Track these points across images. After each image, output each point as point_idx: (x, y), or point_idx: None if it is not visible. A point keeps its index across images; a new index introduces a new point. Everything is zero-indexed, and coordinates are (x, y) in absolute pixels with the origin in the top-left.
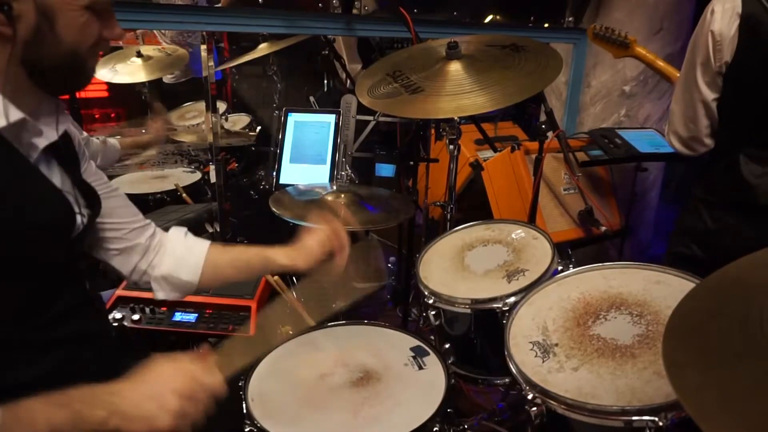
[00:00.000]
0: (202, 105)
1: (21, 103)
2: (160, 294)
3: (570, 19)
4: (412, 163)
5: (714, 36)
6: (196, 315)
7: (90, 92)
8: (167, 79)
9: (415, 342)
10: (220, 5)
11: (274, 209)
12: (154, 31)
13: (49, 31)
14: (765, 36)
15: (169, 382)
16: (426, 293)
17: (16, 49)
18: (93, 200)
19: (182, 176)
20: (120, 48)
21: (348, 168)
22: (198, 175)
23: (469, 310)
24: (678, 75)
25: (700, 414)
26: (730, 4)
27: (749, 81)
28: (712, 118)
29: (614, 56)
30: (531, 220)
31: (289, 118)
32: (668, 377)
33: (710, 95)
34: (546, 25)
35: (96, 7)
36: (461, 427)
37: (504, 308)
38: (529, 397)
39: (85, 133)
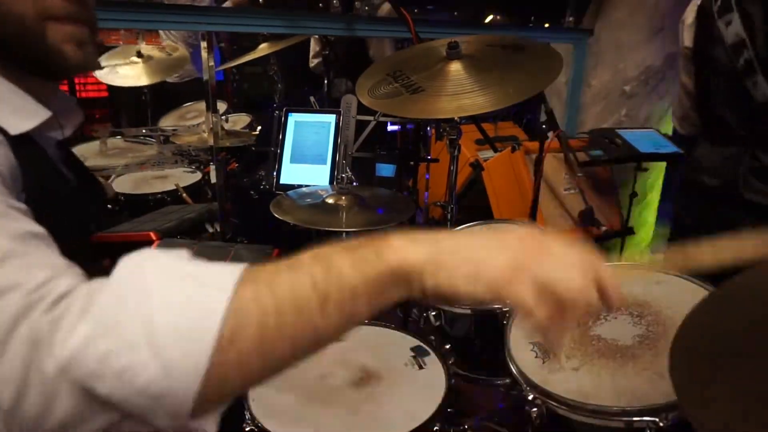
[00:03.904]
0: (202, 105)
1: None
2: None
3: (570, 19)
4: (412, 163)
5: None
6: None
7: (90, 92)
8: (172, 77)
9: (416, 342)
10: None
11: (276, 214)
12: (160, 32)
13: None
14: None
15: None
16: None
17: None
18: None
19: (183, 176)
20: (115, 47)
21: (348, 170)
22: (198, 175)
23: (469, 311)
24: None
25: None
26: None
27: None
28: None
29: None
30: (531, 220)
31: (289, 118)
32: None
33: None
34: (546, 25)
35: None
36: (461, 427)
37: (504, 309)
38: (530, 397)
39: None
